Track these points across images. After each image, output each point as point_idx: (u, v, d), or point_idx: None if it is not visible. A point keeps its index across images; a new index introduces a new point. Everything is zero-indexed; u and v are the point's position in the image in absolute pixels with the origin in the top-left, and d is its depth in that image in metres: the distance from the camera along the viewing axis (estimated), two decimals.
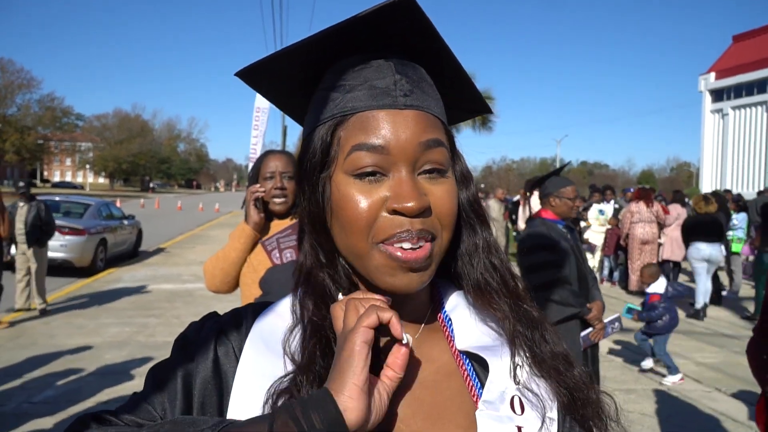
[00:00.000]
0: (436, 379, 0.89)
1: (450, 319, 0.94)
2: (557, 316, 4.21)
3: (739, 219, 12.45)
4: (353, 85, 0.84)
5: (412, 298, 0.90)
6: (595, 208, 13.21)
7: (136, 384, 6.18)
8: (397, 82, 0.83)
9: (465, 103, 1.02)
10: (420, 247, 0.81)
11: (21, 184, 9.84)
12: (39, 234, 9.61)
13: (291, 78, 0.93)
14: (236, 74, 0.91)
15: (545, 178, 4.73)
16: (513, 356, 0.88)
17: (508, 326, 0.90)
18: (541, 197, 4.67)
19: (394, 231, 0.80)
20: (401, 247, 0.80)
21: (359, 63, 0.86)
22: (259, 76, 0.93)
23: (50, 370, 6.60)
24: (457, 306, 0.95)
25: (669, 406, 6.02)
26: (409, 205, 0.78)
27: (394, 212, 0.80)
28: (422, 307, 0.94)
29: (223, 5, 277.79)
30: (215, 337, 0.89)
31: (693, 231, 10.58)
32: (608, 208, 13.15)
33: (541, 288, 4.18)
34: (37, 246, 9.63)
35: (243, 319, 0.92)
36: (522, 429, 0.83)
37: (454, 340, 0.92)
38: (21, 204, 9.52)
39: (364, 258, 0.83)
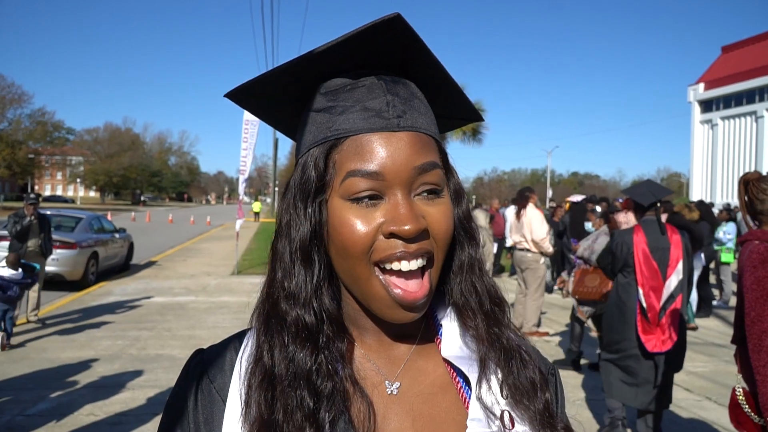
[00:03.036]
0: (432, 391, 0.90)
1: (441, 326, 0.95)
2: None
3: (727, 229, 12.53)
4: (346, 107, 0.84)
5: None
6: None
7: (129, 396, 6.19)
8: (390, 102, 0.83)
9: (456, 111, 1.03)
10: (420, 280, 0.83)
11: (32, 196, 9.98)
12: (50, 246, 10.21)
13: (280, 96, 0.94)
14: (226, 95, 0.92)
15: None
16: (483, 376, 0.89)
17: (481, 348, 0.90)
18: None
19: (390, 252, 0.81)
20: (399, 285, 0.82)
21: (350, 82, 0.86)
22: (248, 97, 0.94)
23: (43, 383, 6.58)
24: (445, 316, 0.95)
25: None
26: (407, 228, 0.79)
27: (391, 235, 0.80)
28: (416, 321, 0.92)
29: (214, 20, 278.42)
30: (198, 383, 0.90)
31: None
32: None
33: None
34: (45, 258, 10.08)
35: (227, 355, 0.92)
36: None
37: (441, 348, 0.94)
38: (32, 217, 9.70)
39: (362, 282, 0.84)
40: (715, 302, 12.23)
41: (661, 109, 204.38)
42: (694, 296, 10.89)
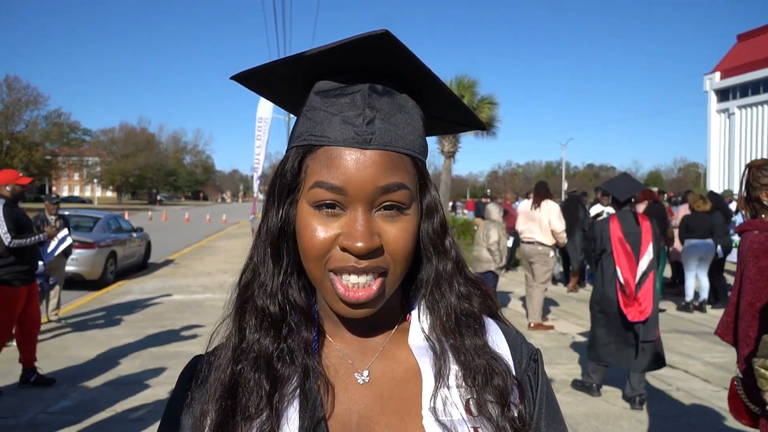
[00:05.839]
0: (404, 378, 0.93)
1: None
2: None
3: (737, 219, 12.55)
4: (328, 114, 0.86)
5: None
6: (603, 210, 13.23)
7: (150, 393, 6.28)
8: (366, 117, 0.85)
9: (454, 118, 1.04)
10: (368, 285, 0.85)
11: (54, 197, 10.13)
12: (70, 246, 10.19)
13: (285, 84, 0.96)
14: (232, 78, 0.94)
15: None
16: (441, 377, 0.90)
17: (437, 350, 0.92)
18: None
19: (342, 264, 0.84)
20: (348, 282, 0.85)
21: (339, 87, 0.87)
22: (255, 82, 0.97)
23: (65, 381, 6.68)
24: (418, 310, 0.98)
25: (677, 406, 6.05)
26: (358, 245, 0.81)
27: (344, 249, 0.83)
28: (392, 312, 0.98)
29: (227, 19, 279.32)
30: (191, 386, 0.96)
31: (689, 229, 11.09)
32: None
33: None
34: (65, 258, 10.17)
35: (215, 359, 0.96)
36: (478, 430, 0.86)
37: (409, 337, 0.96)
38: (53, 217, 9.82)
39: (317, 282, 0.88)
40: (730, 293, 12.18)
41: (677, 99, 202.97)
42: (705, 284, 11.12)
